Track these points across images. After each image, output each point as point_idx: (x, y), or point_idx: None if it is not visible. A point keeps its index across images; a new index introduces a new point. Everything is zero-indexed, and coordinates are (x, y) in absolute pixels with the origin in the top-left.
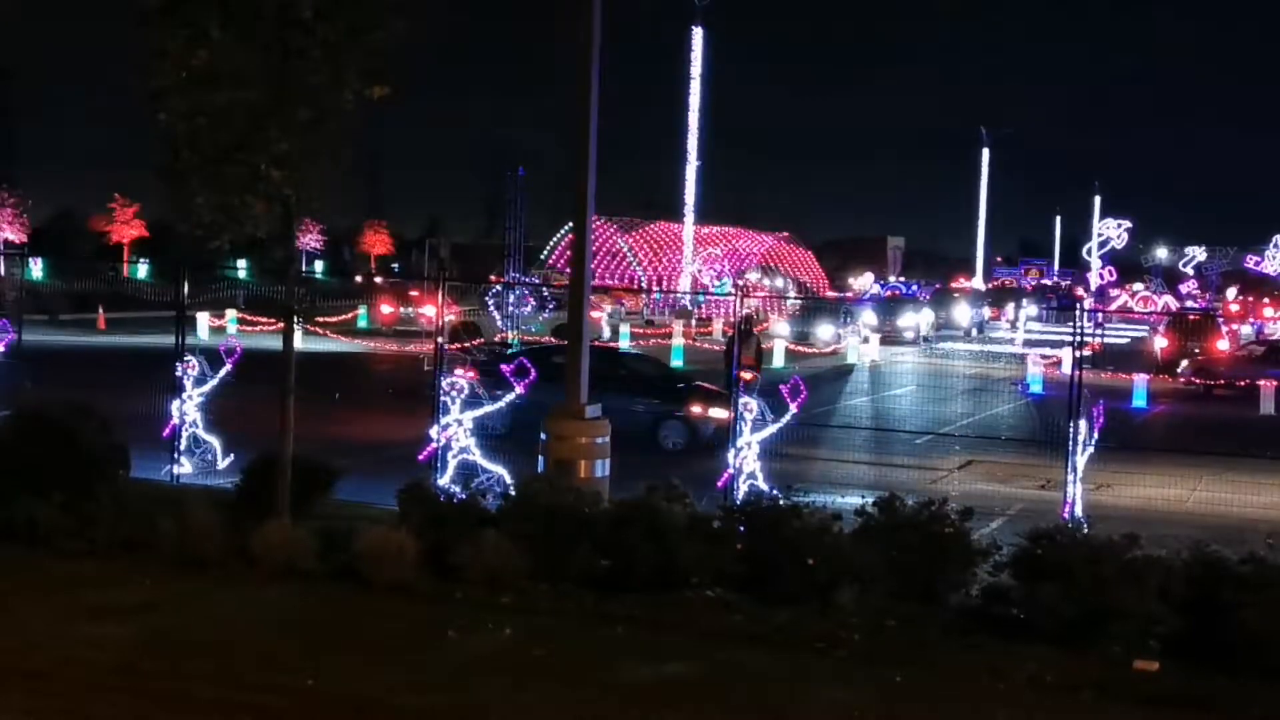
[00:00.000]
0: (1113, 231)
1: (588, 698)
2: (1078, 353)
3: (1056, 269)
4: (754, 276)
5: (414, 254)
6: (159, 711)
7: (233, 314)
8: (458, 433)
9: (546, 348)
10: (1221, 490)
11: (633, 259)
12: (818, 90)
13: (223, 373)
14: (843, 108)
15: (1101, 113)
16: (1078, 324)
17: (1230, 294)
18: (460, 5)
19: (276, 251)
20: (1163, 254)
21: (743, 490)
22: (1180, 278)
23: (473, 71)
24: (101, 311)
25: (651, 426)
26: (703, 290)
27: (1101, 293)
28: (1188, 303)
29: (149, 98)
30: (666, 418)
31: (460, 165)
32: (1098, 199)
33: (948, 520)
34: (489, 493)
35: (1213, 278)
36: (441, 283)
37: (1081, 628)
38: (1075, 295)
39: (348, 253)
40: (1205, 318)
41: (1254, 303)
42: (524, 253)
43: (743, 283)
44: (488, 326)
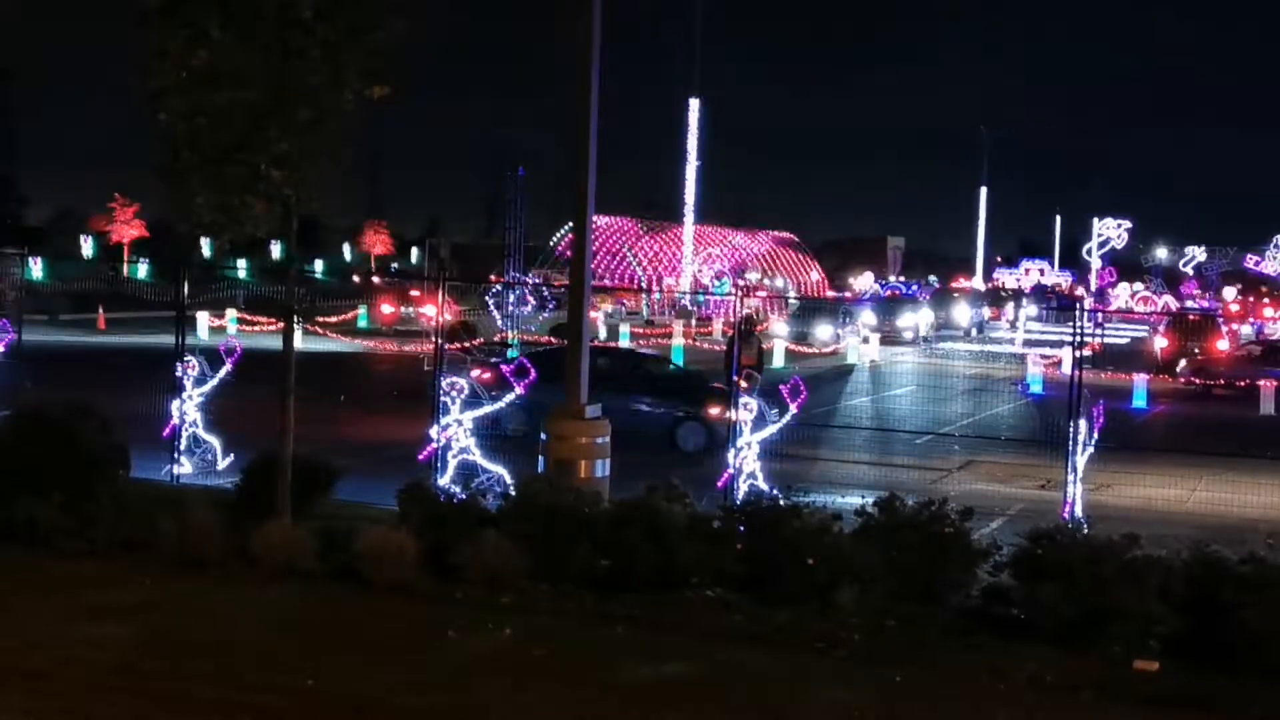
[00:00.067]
0: (1113, 231)
1: (588, 698)
2: (1077, 353)
3: (1056, 268)
4: (754, 276)
5: (415, 254)
6: (159, 711)
7: (233, 314)
8: (458, 433)
9: (562, 349)
10: (1221, 490)
11: (633, 259)
12: (818, 90)
13: (223, 373)
14: (843, 108)
15: (1101, 113)
16: (1077, 324)
17: (1230, 294)
18: (460, 5)
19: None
20: (1163, 254)
21: (743, 490)
22: (1180, 278)
23: (473, 71)
24: (101, 311)
25: (670, 428)
26: (702, 290)
27: (1101, 293)
28: (1188, 303)
29: (149, 98)
30: (686, 419)
31: (460, 165)
32: (1099, 199)
33: (948, 520)
34: (489, 493)
35: (1212, 278)
36: (441, 283)
37: (1081, 628)
38: (1074, 295)
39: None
40: (1205, 318)
41: (1254, 303)
42: (524, 253)
43: (743, 283)
44: (487, 326)
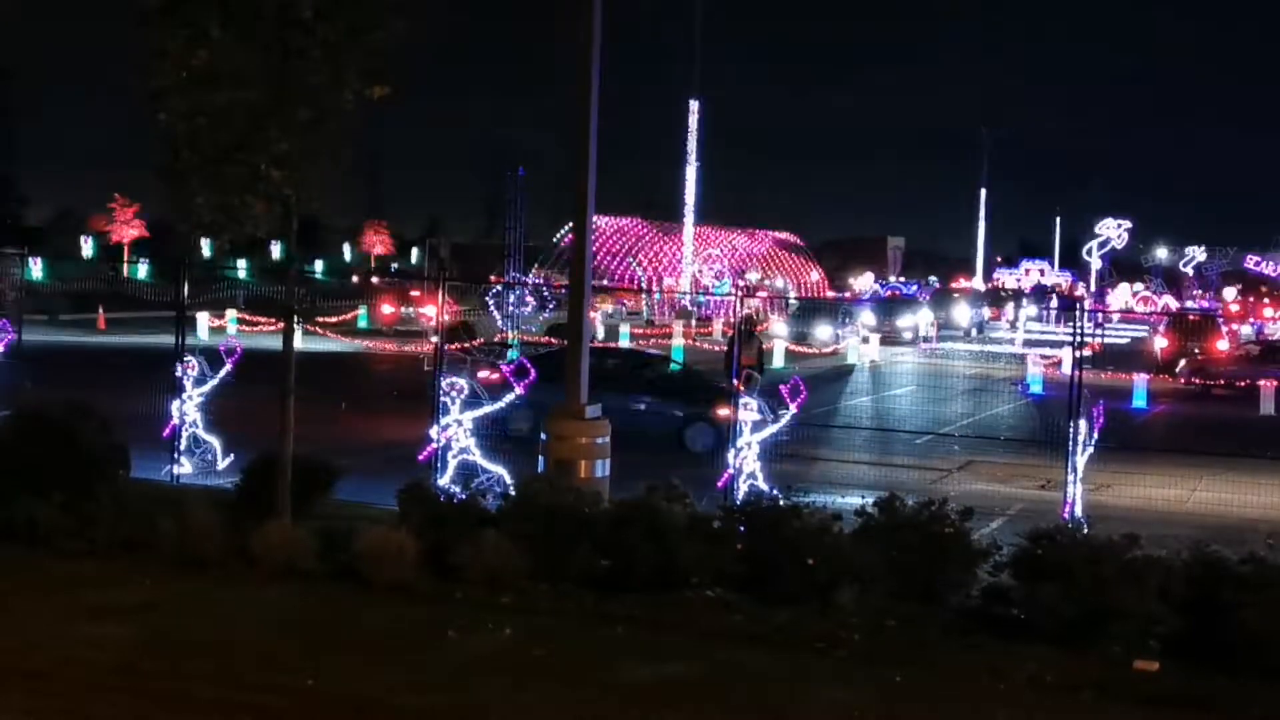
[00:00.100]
0: (1113, 231)
1: (588, 698)
2: (1077, 353)
3: (1056, 269)
4: (754, 277)
5: (415, 254)
6: (159, 711)
7: (233, 314)
8: (458, 433)
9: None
10: (1221, 490)
11: (632, 259)
12: (818, 90)
13: (223, 373)
14: (843, 108)
15: (1101, 113)
16: (1077, 324)
17: (1229, 294)
18: (460, 5)
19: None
20: (1163, 254)
21: (743, 490)
22: (1180, 278)
23: (473, 71)
24: (101, 311)
25: (679, 428)
26: (703, 291)
27: (1101, 293)
28: (1188, 303)
29: (149, 98)
30: (694, 420)
31: (460, 165)
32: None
33: (948, 520)
34: (489, 493)
35: (1212, 278)
36: (442, 283)
37: (1081, 628)
38: (1074, 295)
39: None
40: (1205, 318)
41: (1254, 303)
42: (524, 253)
43: (743, 283)
44: (486, 326)
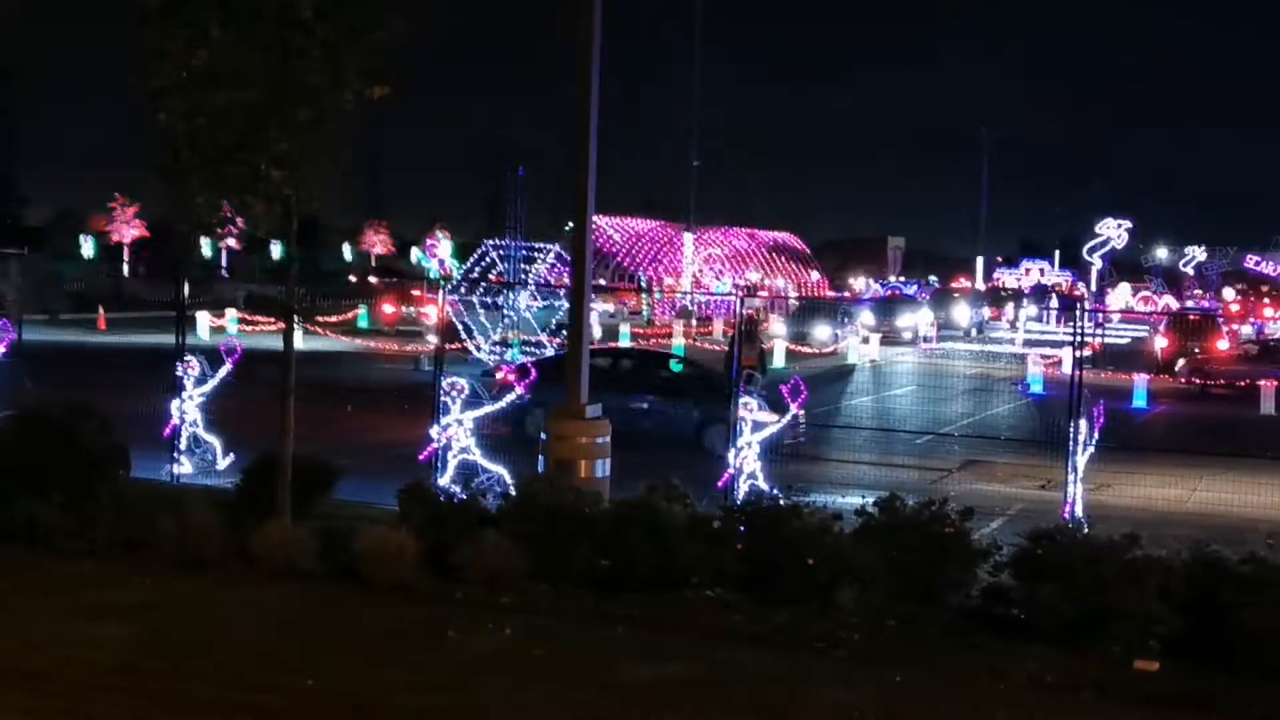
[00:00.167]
0: (1113, 231)
1: (588, 698)
2: (1078, 352)
3: (1057, 268)
4: (754, 277)
5: (415, 254)
6: (159, 711)
7: (233, 314)
8: (458, 433)
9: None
10: (1221, 490)
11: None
12: (818, 90)
13: (223, 372)
14: (843, 108)
15: (1101, 113)
16: (1078, 324)
17: (1229, 294)
18: (460, 5)
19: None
20: (1163, 254)
21: (743, 490)
22: (1181, 278)
23: (473, 71)
24: (102, 311)
25: (697, 429)
26: (704, 291)
27: (1101, 293)
28: (1188, 303)
29: (149, 98)
30: (712, 421)
31: (460, 165)
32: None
33: (948, 520)
34: (489, 493)
35: (1212, 277)
36: (442, 283)
37: (1081, 628)
38: (1074, 295)
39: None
40: (1205, 318)
41: (1254, 303)
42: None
43: (743, 283)
44: (486, 327)
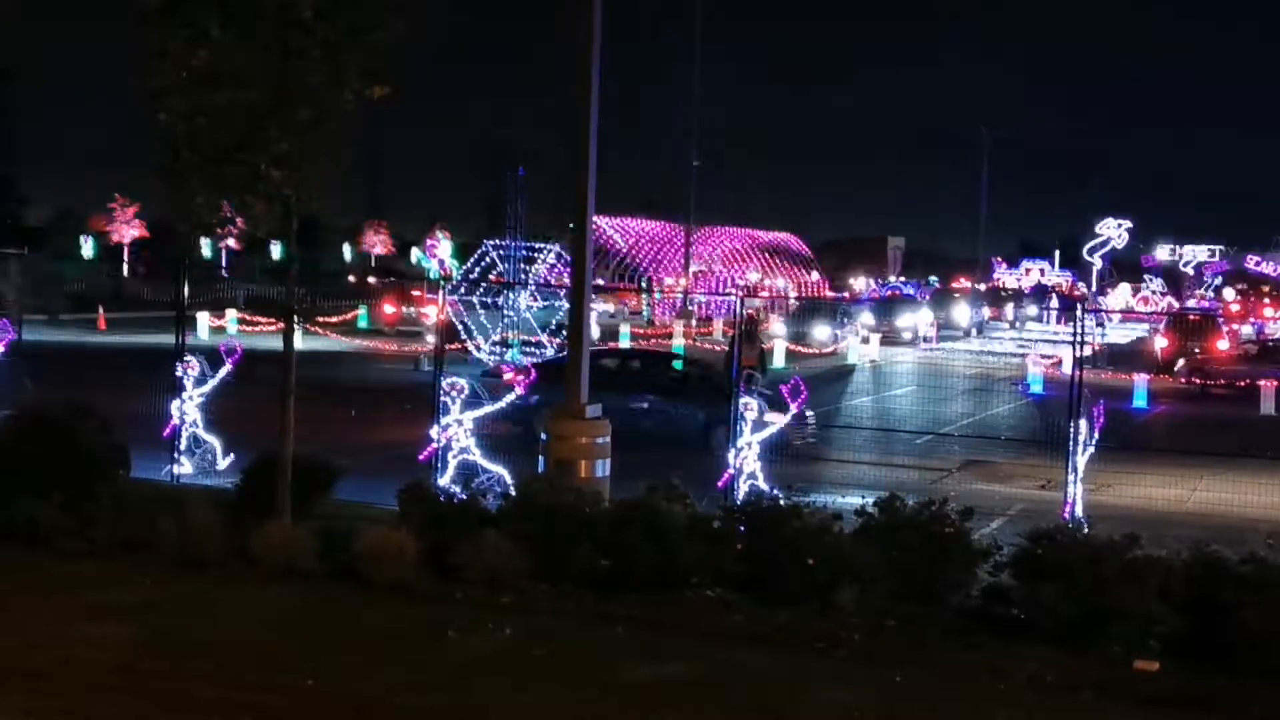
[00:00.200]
0: (1113, 231)
1: (588, 698)
2: (1079, 351)
3: (1057, 268)
4: (754, 277)
5: (415, 254)
6: (159, 711)
7: (233, 314)
8: (458, 433)
9: (594, 353)
10: (1221, 490)
11: (630, 259)
12: (818, 90)
13: (223, 372)
14: (843, 108)
15: (1101, 113)
16: (1078, 324)
17: (1229, 294)
18: (460, 5)
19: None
20: (1163, 254)
21: (743, 490)
22: (1181, 278)
23: (473, 71)
24: (102, 311)
25: (704, 429)
26: (704, 291)
27: (1101, 293)
28: (1188, 302)
29: (149, 98)
30: (719, 422)
31: (460, 165)
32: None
33: (948, 520)
34: (489, 493)
35: (1208, 277)
36: (442, 284)
37: (1081, 628)
38: (1074, 295)
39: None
40: (1205, 318)
41: (1255, 303)
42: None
43: (743, 282)
44: (486, 327)
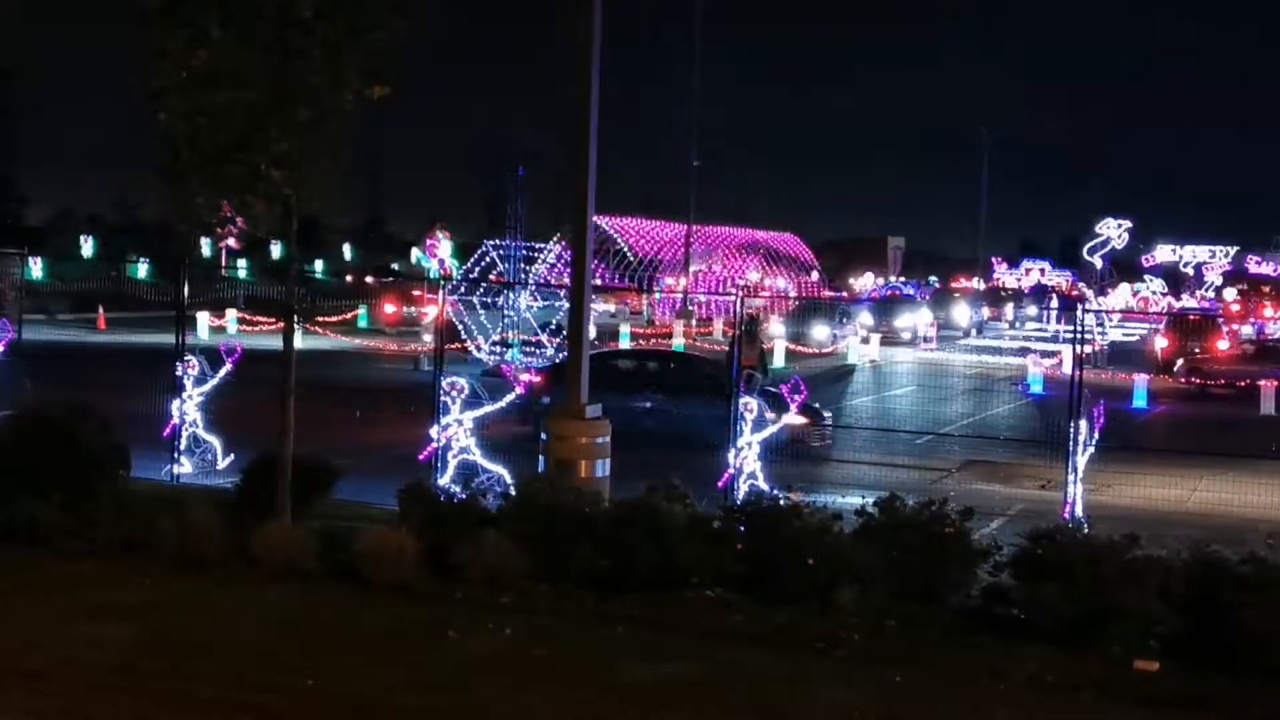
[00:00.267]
0: (1113, 231)
1: (588, 698)
2: (1079, 350)
3: (1056, 269)
4: (754, 277)
5: (415, 254)
6: (159, 711)
7: (233, 314)
8: (458, 432)
9: (608, 354)
10: (1221, 490)
11: (633, 259)
12: (818, 90)
13: (223, 372)
14: (843, 108)
15: (1101, 113)
16: (1078, 324)
17: (1230, 294)
18: (460, 5)
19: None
20: (1163, 254)
21: (743, 490)
22: (1181, 278)
23: (473, 71)
24: (101, 311)
25: (722, 430)
26: (704, 291)
27: (1101, 293)
28: (1188, 300)
29: (149, 98)
30: (760, 424)
31: (460, 165)
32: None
33: (948, 520)
34: (489, 493)
35: (1204, 276)
36: (442, 283)
37: (1082, 628)
38: (1074, 295)
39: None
40: (1205, 318)
41: (1255, 302)
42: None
43: (743, 282)
44: (485, 327)
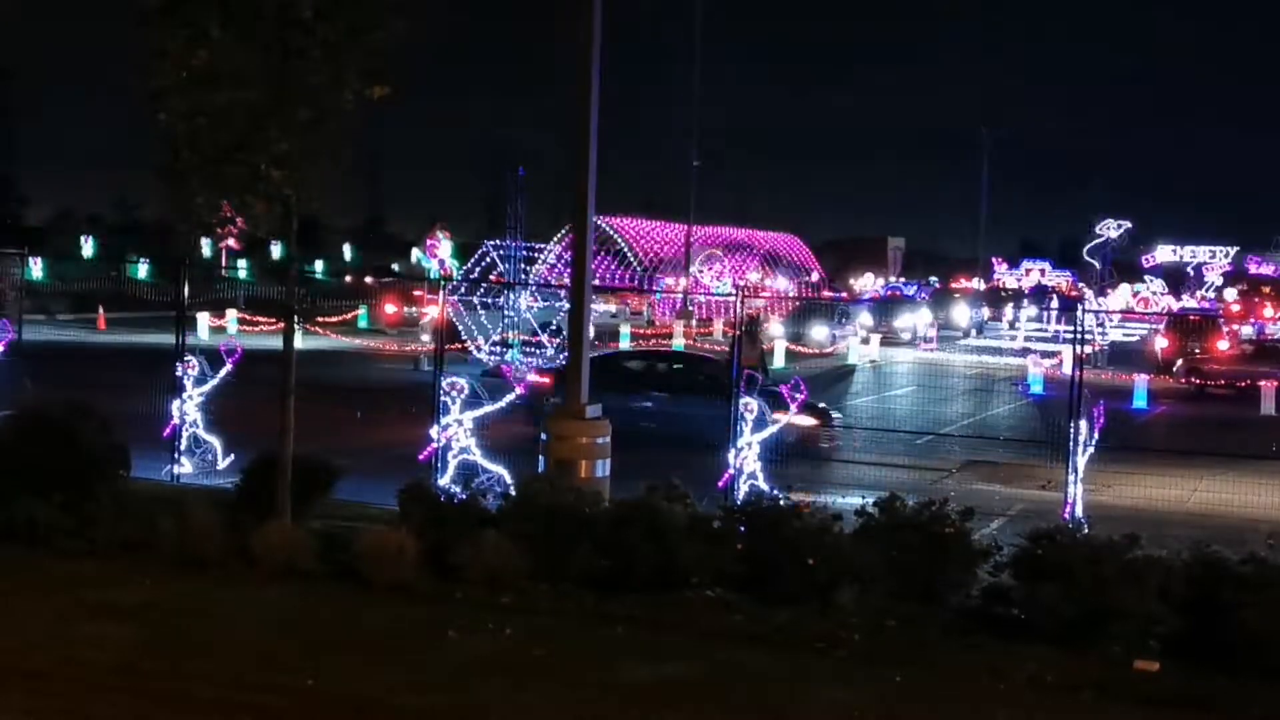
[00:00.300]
0: (1113, 231)
1: (588, 698)
2: (1079, 350)
3: (1056, 269)
4: (754, 277)
5: (415, 254)
6: (159, 711)
7: (233, 314)
8: (458, 433)
9: (615, 354)
10: (1221, 490)
11: (634, 259)
12: (818, 90)
13: (223, 373)
14: (843, 108)
15: (1101, 113)
16: (1079, 324)
17: (1230, 295)
18: (460, 5)
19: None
20: (1163, 254)
21: (743, 490)
22: (1181, 278)
23: (473, 71)
24: (101, 311)
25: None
26: (704, 292)
27: (1101, 293)
28: (1187, 300)
29: (149, 98)
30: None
31: (460, 165)
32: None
33: (948, 520)
34: (489, 493)
35: (1204, 277)
36: (442, 283)
37: (1082, 628)
38: (1073, 295)
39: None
40: (1205, 318)
41: (1256, 302)
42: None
43: (744, 283)
44: (484, 327)
